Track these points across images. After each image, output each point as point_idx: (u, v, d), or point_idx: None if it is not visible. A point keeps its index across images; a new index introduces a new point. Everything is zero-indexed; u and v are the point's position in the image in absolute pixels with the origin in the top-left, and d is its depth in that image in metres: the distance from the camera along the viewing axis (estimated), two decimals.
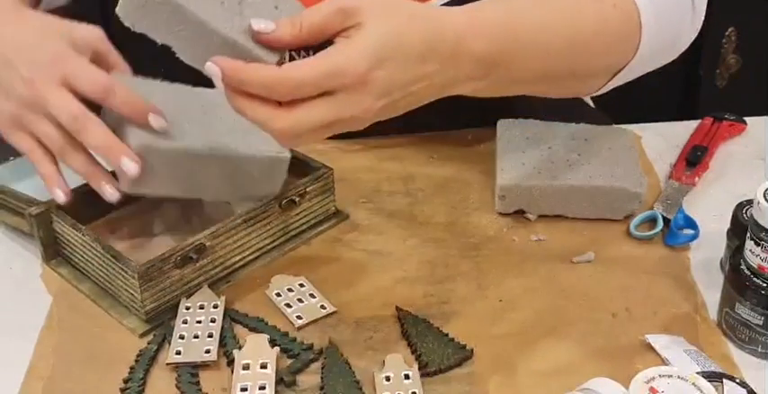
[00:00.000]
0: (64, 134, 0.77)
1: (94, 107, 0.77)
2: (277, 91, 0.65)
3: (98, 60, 0.80)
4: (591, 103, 1.20)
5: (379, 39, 0.66)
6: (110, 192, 0.77)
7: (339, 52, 0.65)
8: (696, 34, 0.89)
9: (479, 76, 0.72)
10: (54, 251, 0.85)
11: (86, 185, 0.80)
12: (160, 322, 0.78)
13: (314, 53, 0.66)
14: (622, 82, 0.86)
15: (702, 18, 0.88)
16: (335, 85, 0.65)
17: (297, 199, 0.85)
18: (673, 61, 0.92)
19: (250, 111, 0.66)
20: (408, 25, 0.68)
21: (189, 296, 0.80)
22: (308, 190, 0.86)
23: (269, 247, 0.86)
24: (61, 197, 0.79)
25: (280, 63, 0.67)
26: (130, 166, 0.74)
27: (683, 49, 0.89)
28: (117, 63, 0.82)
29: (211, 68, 0.65)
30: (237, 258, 0.84)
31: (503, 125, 0.96)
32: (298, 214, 0.87)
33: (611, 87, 0.87)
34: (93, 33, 0.82)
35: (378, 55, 0.66)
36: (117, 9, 0.69)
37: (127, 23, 0.69)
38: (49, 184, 0.79)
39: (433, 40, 0.69)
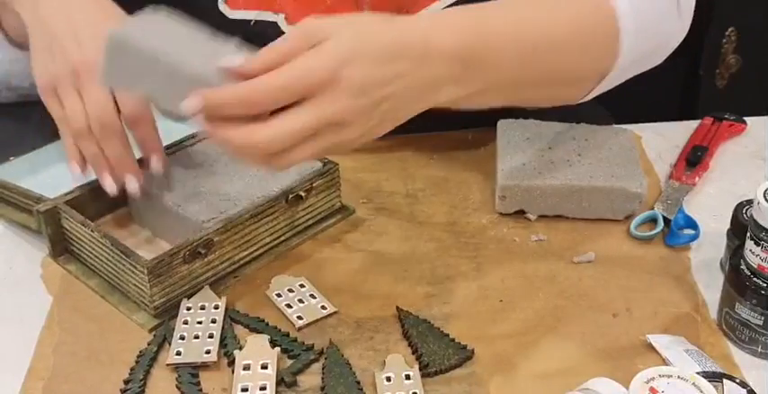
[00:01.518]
0: (88, 121, 0.79)
1: None
2: (252, 101, 0.65)
3: None
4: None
5: (346, 41, 0.66)
6: (110, 185, 0.81)
7: (307, 56, 0.66)
8: (685, 34, 0.89)
9: (455, 75, 0.72)
10: (62, 247, 0.85)
11: (94, 182, 0.83)
12: (169, 317, 0.79)
13: None
14: (610, 86, 0.86)
15: (690, 16, 0.88)
16: (307, 86, 0.65)
17: (303, 194, 0.86)
18: (673, 61, 0.92)
19: (232, 134, 0.65)
20: (374, 28, 0.69)
21: (193, 293, 0.80)
22: (314, 185, 0.87)
23: (276, 243, 0.86)
24: (77, 170, 0.81)
25: None
26: (132, 185, 0.81)
27: (672, 50, 0.89)
28: None
29: (189, 102, 0.65)
30: (245, 253, 0.84)
31: (503, 125, 0.96)
32: (304, 209, 0.87)
33: (600, 92, 0.86)
34: None
35: (345, 55, 0.66)
36: (98, 79, 0.74)
37: (110, 85, 0.75)
38: (68, 156, 0.82)
39: (401, 39, 0.69)
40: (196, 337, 0.76)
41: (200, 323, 0.77)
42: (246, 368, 0.73)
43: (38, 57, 0.83)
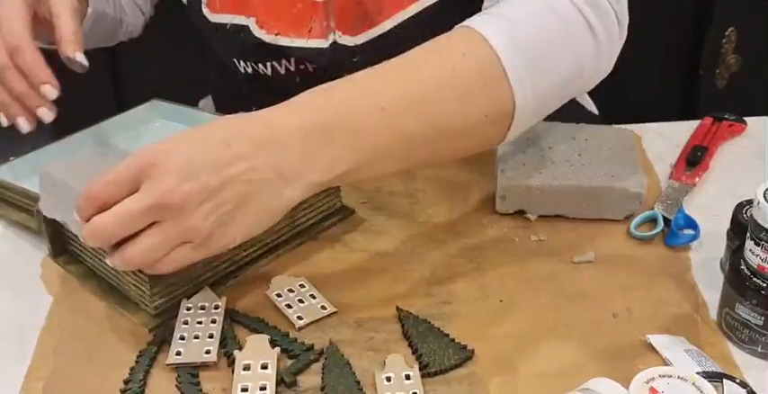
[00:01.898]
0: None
1: None
2: (92, 193, 0.69)
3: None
4: (594, 110, 1.20)
5: (173, 136, 0.69)
6: (23, 122, 0.85)
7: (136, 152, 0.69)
8: (618, 48, 0.84)
9: (315, 151, 0.70)
10: (61, 248, 0.85)
11: None
12: (169, 317, 0.78)
13: None
14: (531, 122, 0.80)
15: (617, 31, 0.82)
16: (131, 175, 0.68)
17: None
18: (673, 61, 0.92)
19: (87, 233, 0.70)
20: (206, 126, 0.71)
21: (194, 294, 0.80)
22: None
23: (276, 243, 0.86)
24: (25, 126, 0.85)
25: None
26: (46, 115, 0.84)
27: (604, 70, 0.84)
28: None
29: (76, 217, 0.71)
30: (245, 253, 0.84)
31: None
32: (304, 209, 0.87)
33: (521, 130, 0.80)
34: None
35: (170, 143, 0.68)
36: (39, 205, 0.80)
37: (47, 215, 0.80)
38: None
39: (237, 126, 0.70)
40: (196, 337, 0.76)
41: (200, 323, 0.77)
42: (246, 368, 0.73)
43: None
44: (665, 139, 1.03)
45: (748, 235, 0.73)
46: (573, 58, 0.80)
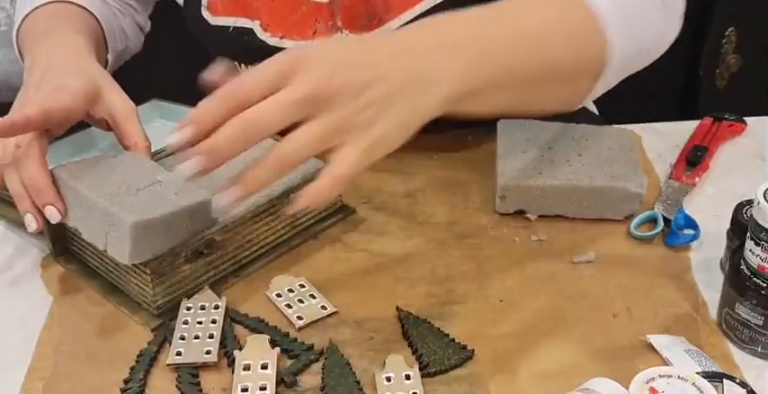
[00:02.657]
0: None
1: None
2: (238, 87, 0.66)
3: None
4: (594, 109, 1.20)
5: (313, 43, 0.71)
6: (31, 222, 0.79)
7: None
8: (678, 30, 0.90)
9: (456, 64, 0.71)
10: (63, 247, 0.85)
11: None
12: (171, 317, 0.79)
13: None
14: (607, 87, 0.86)
15: (680, 13, 0.90)
16: (280, 70, 0.66)
17: None
18: (673, 61, 0.92)
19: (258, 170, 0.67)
20: (344, 38, 0.76)
21: (195, 293, 0.80)
22: None
23: (277, 242, 0.86)
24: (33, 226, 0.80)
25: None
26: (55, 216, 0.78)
27: (666, 47, 0.90)
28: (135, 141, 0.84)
29: (176, 135, 0.66)
30: (247, 253, 0.84)
31: (503, 125, 0.96)
32: (305, 209, 0.87)
33: (598, 94, 0.87)
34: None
35: (313, 47, 0.70)
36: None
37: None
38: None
39: (375, 37, 0.75)
40: (196, 338, 0.76)
41: (200, 323, 0.77)
42: (246, 368, 0.73)
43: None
44: (665, 139, 1.03)
45: (748, 235, 0.73)
46: (652, 27, 0.85)
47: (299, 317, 0.79)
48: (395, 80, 0.68)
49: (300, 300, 0.81)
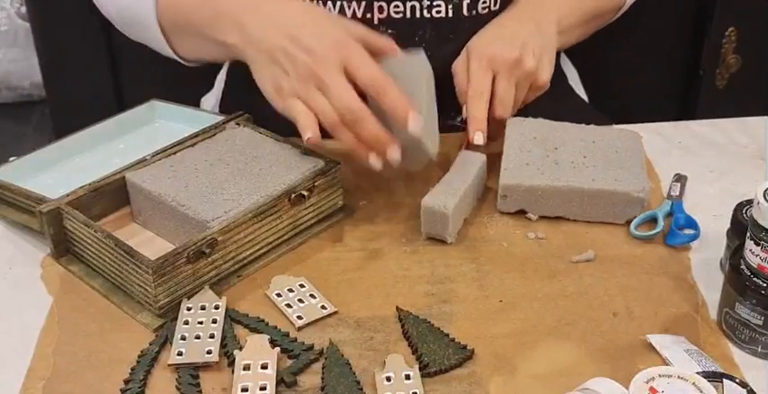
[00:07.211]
0: (338, 113, 0.83)
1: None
2: (478, 95, 0.92)
3: (368, 50, 0.86)
4: (584, 96, 1.20)
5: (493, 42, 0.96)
6: (375, 162, 0.84)
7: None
8: None
9: (551, 13, 0.99)
10: (64, 248, 0.85)
11: (93, 184, 0.84)
12: (173, 317, 0.79)
13: None
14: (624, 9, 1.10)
15: None
16: (485, 66, 0.93)
17: (306, 193, 0.86)
18: (673, 61, 0.92)
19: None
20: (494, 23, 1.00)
21: (195, 294, 0.80)
22: (316, 184, 0.87)
23: (278, 242, 0.86)
24: (312, 138, 0.83)
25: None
26: (395, 155, 0.83)
27: None
28: (384, 47, 0.89)
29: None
30: (248, 253, 0.84)
31: (512, 122, 0.95)
32: (306, 208, 0.87)
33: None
34: (360, 27, 0.89)
35: (502, 42, 0.94)
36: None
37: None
38: (313, 144, 0.85)
39: (509, 21, 0.99)
40: (197, 338, 0.76)
41: (200, 323, 0.77)
42: (246, 368, 0.73)
43: (264, 73, 0.87)
44: (665, 139, 1.03)
45: (748, 235, 0.73)
46: None
47: (299, 317, 0.79)
48: (538, 41, 0.95)
49: (300, 300, 0.81)
